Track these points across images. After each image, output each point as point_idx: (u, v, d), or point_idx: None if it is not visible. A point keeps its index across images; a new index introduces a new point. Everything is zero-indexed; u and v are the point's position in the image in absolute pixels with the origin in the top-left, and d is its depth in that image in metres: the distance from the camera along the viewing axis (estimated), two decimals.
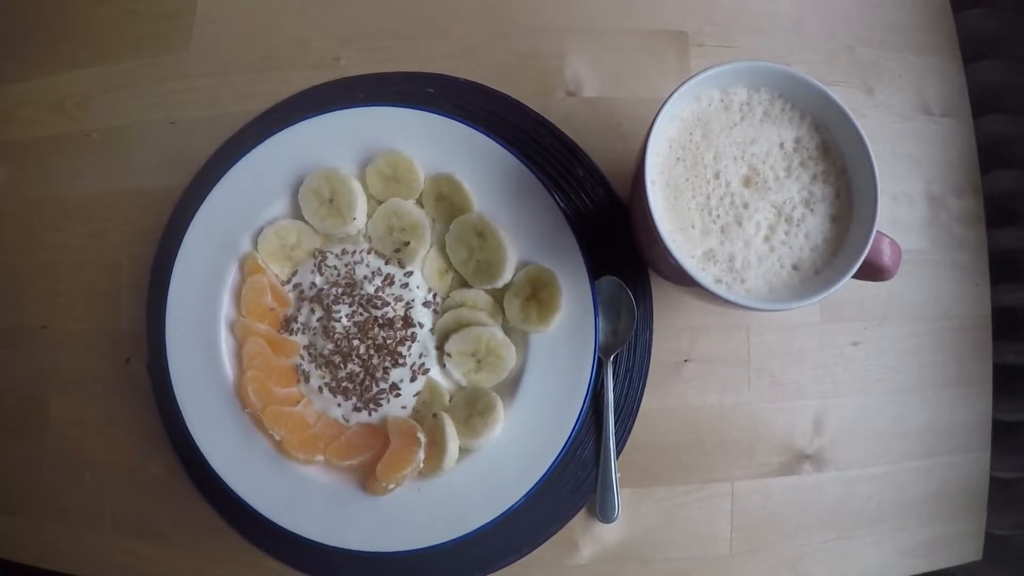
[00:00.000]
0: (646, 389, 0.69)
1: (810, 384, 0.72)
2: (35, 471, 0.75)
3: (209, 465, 0.65)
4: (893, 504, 0.73)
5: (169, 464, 0.71)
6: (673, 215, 0.57)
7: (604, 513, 0.68)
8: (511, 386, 0.64)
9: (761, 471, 0.71)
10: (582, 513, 0.69)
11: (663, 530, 0.70)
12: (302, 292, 0.66)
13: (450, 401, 0.64)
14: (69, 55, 0.78)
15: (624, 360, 0.68)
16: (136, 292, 0.73)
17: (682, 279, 0.57)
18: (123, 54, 0.77)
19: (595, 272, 0.64)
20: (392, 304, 0.64)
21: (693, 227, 0.57)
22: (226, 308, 0.66)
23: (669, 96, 0.56)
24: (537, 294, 0.63)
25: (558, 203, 0.64)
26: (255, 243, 0.66)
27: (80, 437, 0.74)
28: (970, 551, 0.75)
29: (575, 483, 0.68)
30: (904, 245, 0.59)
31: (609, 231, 0.68)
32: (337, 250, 0.66)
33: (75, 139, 0.77)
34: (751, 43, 0.75)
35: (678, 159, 0.58)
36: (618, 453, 0.68)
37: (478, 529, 0.63)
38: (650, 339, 0.69)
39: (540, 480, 0.63)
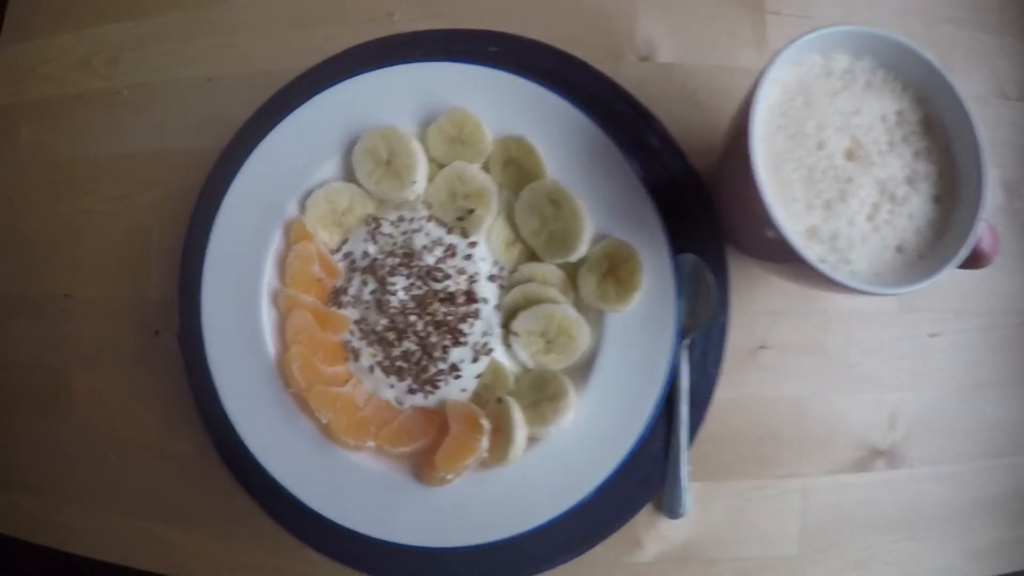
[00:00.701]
0: (721, 377, 0.58)
1: (887, 376, 0.61)
2: (57, 449, 0.63)
3: (246, 447, 0.54)
4: (962, 504, 0.62)
5: (199, 444, 0.59)
6: (774, 187, 0.46)
7: (672, 509, 0.57)
8: (581, 370, 0.53)
9: (834, 467, 0.60)
10: (647, 508, 0.58)
11: (731, 528, 0.59)
12: (353, 262, 0.54)
13: (515, 385, 0.53)
14: (97, 9, 0.66)
15: (699, 345, 0.57)
16: (167, 259, 0.61)
17: (780, 257, 0.46)
18: (157, 7, 0.65)
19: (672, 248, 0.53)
20: (454, 277, 0.52)
21: (796, 201, 0.47)
22: (268, 278, 0.55)
23: (773, 59, 0.46)
24: (615, 270, 0.52)
25: (636, 172, 0.53)
26: (302, 207, 0.55)
27: (105, 414, 0.63)
28: None
29: (642, 476, 0.57)
30: None
31: (684, 205, 0.57)
32: (393, 217, 0.54)
33: (104, 97, 0.65)
34: (826, 15, 0.64)
35: (779, 127, 0.47)
36: (690, 445, 0.58)
37: (543, 525, 0.52)
38: (726, 323, 0.58)
39: (612, 474, 0.52)
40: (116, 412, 0.62)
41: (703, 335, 0.57)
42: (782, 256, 0.46)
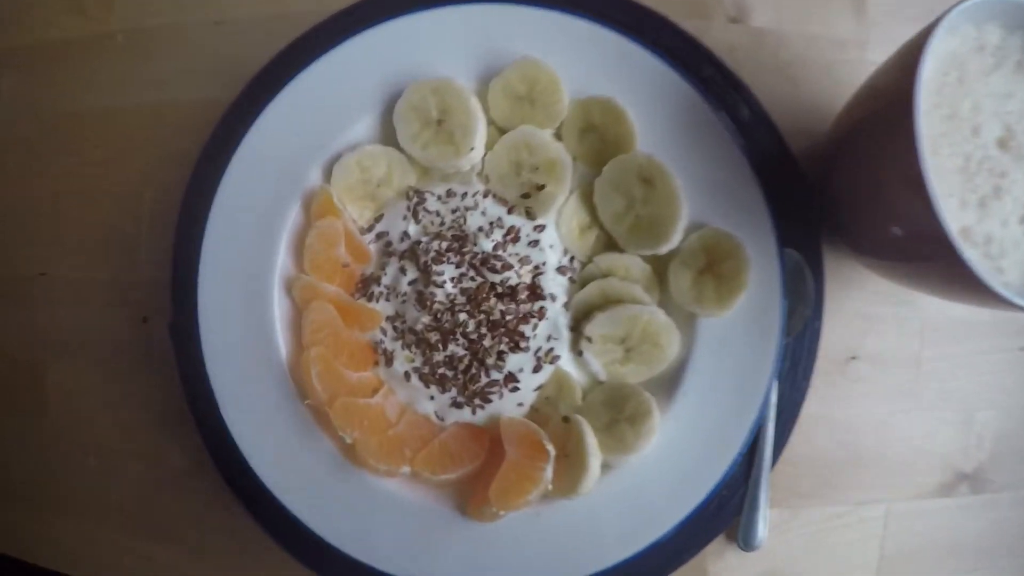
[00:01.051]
0: (809, 391, 0.44)
1: (977, 392, 0.47)
2: (30, 452, 0.48)
3: (250, 467, 0.38)
4: None
5: (194, 453, 0.44)
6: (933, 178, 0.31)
7: (747, 540, 0.43)
8: (665, 384, 0.38)
9: (918, 492, 0.47)
10: (719, 539, 0.43)
11: (806, 559, 0.45)
12: (389, 244, 0.39)
13: (583, 400, 0.38)
14: None
15: (789, 355, 0.42)
16: (160, 233, 0.45)
17: (922, 257, 0.32)
18: None
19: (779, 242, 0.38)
20: (516, 268, 0.37)
21: (951, 196, 0.33)
22: (283, 260, 0.39)
23: (939, 21, 0.33)
24: (716, 266, 0.37)
25: (742, 150, 0.37)
26: (327, 176, 0.39)
27: (84, 414, 0.48)
28: None
29: (717, 504, 0.42)
30: None
31: (778, 191, 0.42)
32: (440, 190, 0.38)
33: (96, 43, 0.48)
34: None
35: (934, 105, 0.34)
36: (772, 467, 0.43)
37: (609, 568, 0.37)
38: (819, 329, 0.43)
39: (697, 508, 0.37)
40: (97, 412, 0.47)
41: (794, 343, 0.42)
42: (927, 256, 0.32)
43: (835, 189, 0.40)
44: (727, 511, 0.43)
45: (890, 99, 0.33)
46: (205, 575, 0.45)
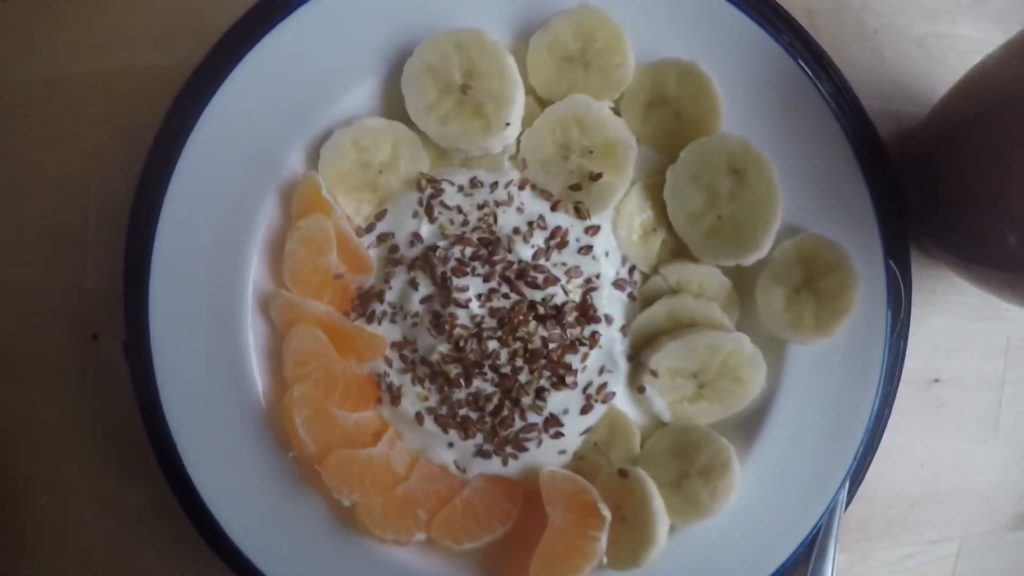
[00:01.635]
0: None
1: None
2: None
3: (220, 526, 0.26)
4: None
5: (154, 492, 0.31)
6: None
7: None
8: (743, 426, 0.26)
9: (991, 526, 0.37)
10: None
11: None
12: (395, 250, 0.26)
13: (643, 447, 0.26)
14: None
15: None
16: (110, 232, 0.31)
17: None
18: None
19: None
20: (562, 282, 0.25)
21: None
22: (257, 271, 0.26)
23: None
24: (815, 283, 0.25)
25: (848, 136, 0.26)
26: (313, 160, 0.26)
27: (29, 443, 0.35)
28: None
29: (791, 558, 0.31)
30: None
31: (878, 187, 0.30)
32: (463, 179, 0.26)
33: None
34: None
35: None
36: (846, 505, 0.32)
37: None
38: (904, 349, 0.32)
39: (778, 571, 0.27)
40: (45, 444, 0.35)
41: None
42: None
43: (939, 188, 0.28)
44: (790, 559, 0.33)
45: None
46: None
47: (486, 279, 0.25)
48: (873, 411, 0.27)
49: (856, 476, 0.33)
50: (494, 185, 0.25)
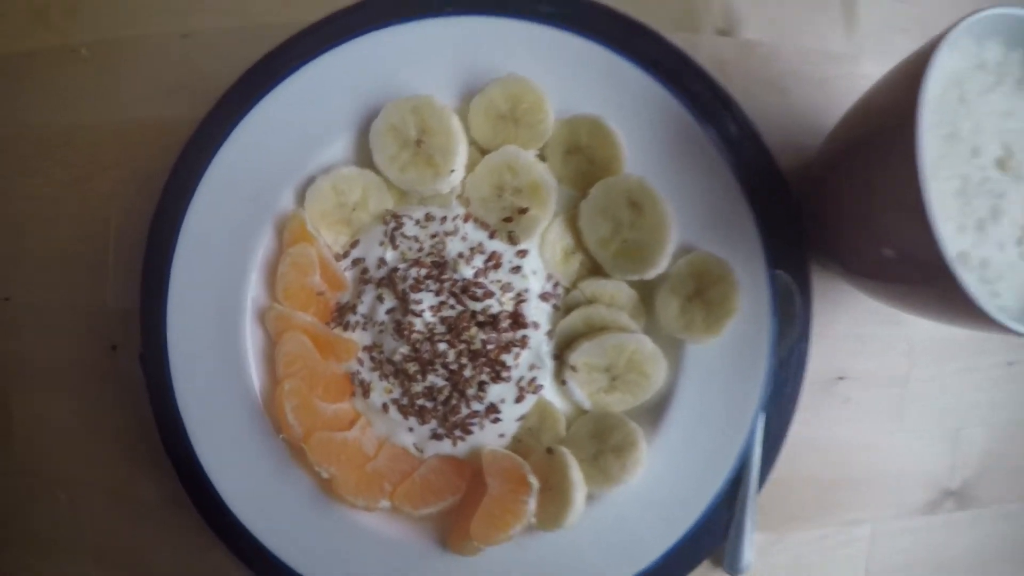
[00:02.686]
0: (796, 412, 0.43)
1: (962, 409, 0.47)
2: None
3: (224, 503, 0.37)
4: None
5: (167, 486, 0.42)
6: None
7: (733, 565, 0.42)
8: (651, 412, 0.37)
9: (905, 510, 0.46)
10: (705, 564, 0.43)
11: None
12: (365, 271, 0.37)
13: (567, 430, 0.37)
14: None
15: (776, 378, 0.42)
16: (128, 258, 0.43)
17: (916, 280, 0.32)
18: None
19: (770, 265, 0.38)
20: (497, 295, 0.36)
21: (949, 220, 0.32)
22: (255, 289, 0.37)
23: (943, 36, 0.31)
24: (705, 292, 0.36)
25: (733, 170, 0.36)
26: (301, 199, 0.37)
27: (51, 446, 0.46)
28: None
29: (702, 529, 0.41)
30: None
31: (768, 210, 0.41)
32: (419, 214, 0.37)
33: (59, 55, 0.46)
34: None
35: (933, 125, 0.32)
36: (759, 490, 0.42)
37: None
38: (806, 351, 0.43)
39: (684, 537, 0.37)
40: (65, 444, 0.45)
41: (781, 367, 0.42)
42: (912, 279, 0.31)
43: (826, 208, 0.39)
44: (712, 536, 0.42)
45: (889, 118, 0.32)
46: None
47: (437, 294, 0.35)
48: (761, 401, 0.37)
49: (766, 462, 0.43)
50: (443, 219, 0.36)
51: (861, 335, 0.45)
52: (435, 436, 0.36)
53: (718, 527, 0.42)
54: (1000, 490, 0.48)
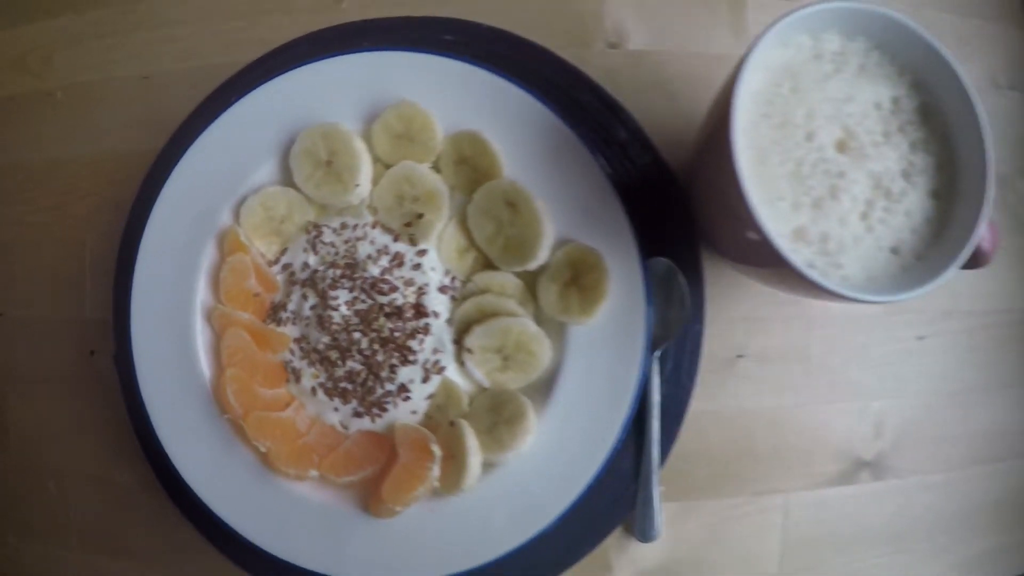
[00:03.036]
0: (695, 389, 0.50)
1: (872, 383, 0.53)
2: None
3: (182, 478, 0.45)
4: (953, 514, 0.55)
5: (140, 473, 0.52)
6: (758, 184, 0.38)
7: (644, 532, 0.49)
8: (543, 388, 0.45)
9: (816, 481, 0.52)
10: (618, 531, 0.50)
11: (708, 549, 0.51)
12: (293, 274, 0.46)
13: (470, 406, 0.45)
14: (31, 3, 0.57)
15: (671, 356, 0.49)
16: (102, 274, 0.52)
17: (763, 261, 0.39)
18: (93, 1, 0.56)
19: (641, 253, 0.45)
20: (401, 289, 0.44)
21: (782, 199, 0.38)
22: (202, 294, 0.46)
23: (760, 37, 0.38)
24: (579, 279, 0.44)
25: (603, 170, 0.44)
26: (237, 216, 0.46)
27: (42, 441, 0.56)
28: None
29: (611, 498, 0.49)
30: None
31: (656, 204, 0.49)
32: (335, 224, 0.46)
33: (37, 99, 0.56)
34: None
35: (764, 116, 0.39)
36: (662, 463, 0.49)
37: (500, 558, 0.44)
38: (701, 331, 0.50)
39: (576, 500, 0.44)
40: (54, 438, 0.55)
41: (676, 345, 0.49)
42: (765, 260, 0.38)
43: (694, 200, 0.46)
44: (621, 506, 0.49)
45: (717, 117, 0.39)
46: None
47: (351, 290, 0.44)
48: (641, 374, 0.44)
49: (668, 435, 0.50)
50: (355, 226, 0.45)
51: (759, 316, 0.51)
52: (357, 414, 0.45)
53: (625, 497, 0.49)
54: (917, 461, 0.54)
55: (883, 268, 0.39)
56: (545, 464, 0.44)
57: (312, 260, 0.45)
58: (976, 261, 0.40)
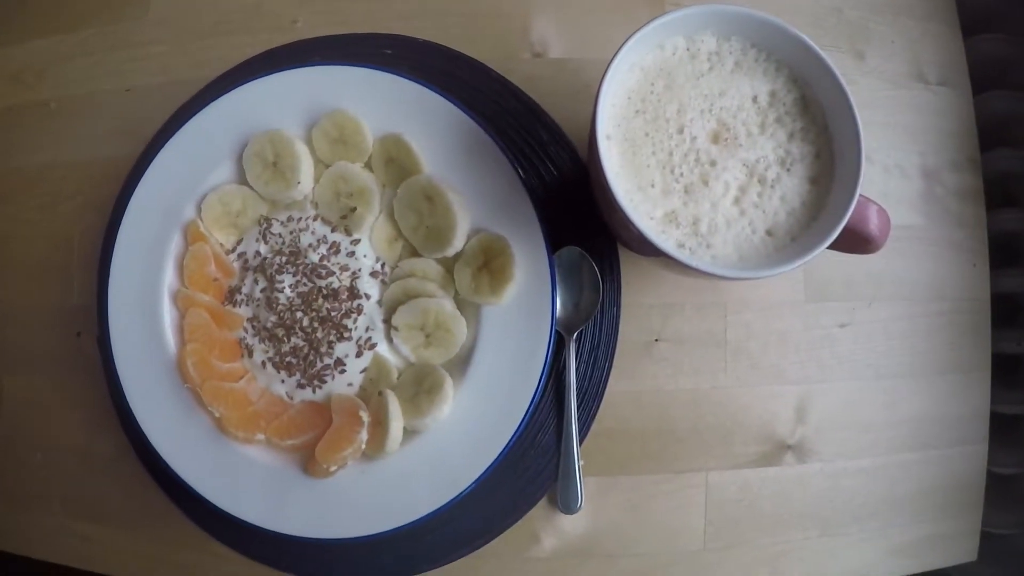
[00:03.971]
0: (613, 370, 0.62)
1: (793, 368, 0.64)
2: None
3: (150, 443, 0.60)
4: (882, 500, 0.65)
5: (118, 443, 0.66)
6: (631, 173, 0.50)
7: (566, 504, 0.61)
8: (462, 363, 0.58)
9: (738, 461, 0.63)
10: (543, 504, 0.62)
11: (631, 523, 0.62)
12: (246, 261, 0.60)
13: (398, 379, 0.58)
14: (28, 25, 0.74)
15: (589, 338, 0.61)
16: (87, 266, 0.67)
17: (642, 245, 0.50)
18: (81, 22, 0.72)
19: (558, 243, 0.58)
20: (337, 274, 0.58)
21: (653, 186, 0.50)
22: (169, 279, 0.61)
23: (626, 40, 0.49)
24: (489, 264, 0.57)
25: (514, 166, 0.57)
26: (199, 211, 0.61)
27: (32, 417, 0.69)
28: (965, 551, 0.67)
29: (535, 471, 0.61)
30: (896, 220, 0.52)
31: (574, 199, 0.62)
32: (283, 217, 0.60)
33: (33, 109, 0.72)
34: (728, 2, 0.68)
35: (637, 112, 0.51)
36: (581, 439, 0.61)
37: (425, 517, 0.56)
38: (617, 316, 0.62)
39: (490, 466, 0.56)
40: (42, 414, 0.69)
41: (593, 328, 0.61)
42: (644, 244, 0.49)
43: (593, 195, 0.59)
44: (544, 478, 0.61)
45: (593, 113, 0.51)
46: (128, 544, 0.67)
47: (294, 275, 0.58)
48: (548, 351, 0.56)
49: (587, 413, 0.62)
50: (300, 219, 0.59)
51: (673, 302, 0.63)
52: (300, 385, 0.58)
53: (547, 470, 0.61)
54: (842, 446, 0.65)
55: (756, 248, 0.50)
56: (463, 433, 0.57)
57: (263, 249, 0.60)
58: (866, 245, 0.51)
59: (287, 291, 0.58)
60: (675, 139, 0.51)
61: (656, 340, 0.63)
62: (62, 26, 0.72)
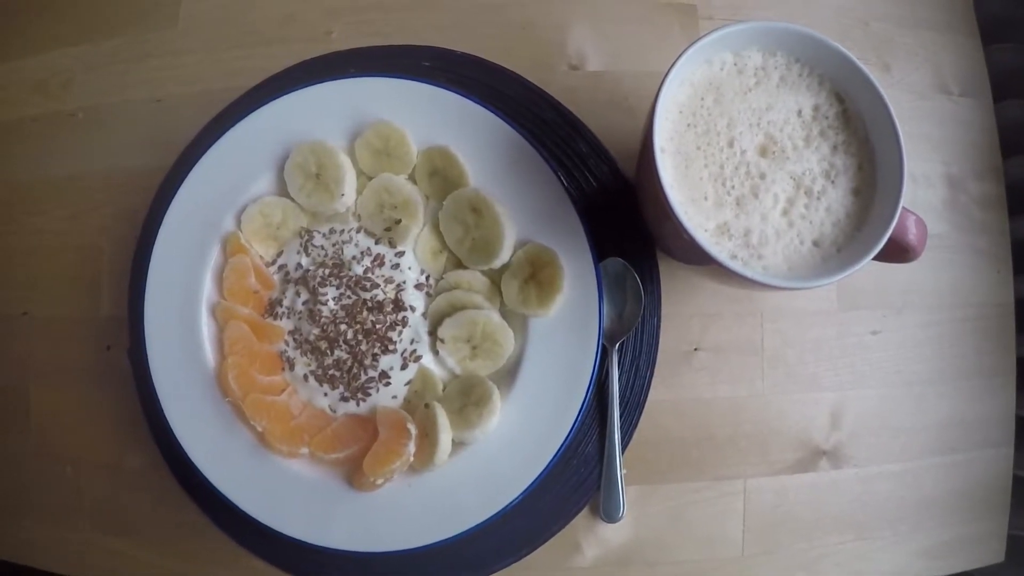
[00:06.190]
0: (654, 379, 0.61)
1: (827, 375, 0.64)
2: (15, 466, 0.67)
3: (188, 457, 0.58)
4: (912, 503, 0.65)
5: (149, 457, 0.63)
6: (684, 185, 0.49)
7: (608, 512, 0.60)
8: (509, 375, 0.57)
9: (775, 468, 0.63)
10: (585, 512, 0.61)
11: (670, 530, 0.62)
12: (287, 274, 0.59)
13: (444, 390, 0.57)
14: (53, 34, 0.71)
15: (630, 348, 0.60)
16: (117, 277, 0.65)
17: (694, 256, 0.49)
18: (109, 31, 0.70)
19: (599, 254, 0.56)
20: (382, 286, 0.56)
21: (706, 199, 0.50)
22: (208, 291, 0.59)
23: (678, 57, 0.49)
24: (537, 275, 0.55)
25: (559, 178, 0.56)
26: (239, 222, 0.59)
27: (61, 429, 0.67)
28: (991, 553, 0.67)
29: (577, 480, 0.60)
30: None
31: (614, 210, 0.61)
32: (325, 229, 0.58)
33: (58, 119, 0.70)
34: (762, 17, 0.68)
35: (689, 125, 0.50)
36: (623, 448, 0.60)
37: (472, 528, 0.55)
38: (658, 326, 0.61)
39: (538, 477, 0.55)
40: (72, 427, 0.67)
41: (634, 339, 0.60)
42: (697, 256, 0.49)
43: (641, 205, 0.58)
44: (587, 487, 0.60)
45: (646, 126, 0.50)
46: (158, 559, 0.64)
47: (338, 287, 0.56)
48: (596, 362, 0.55)
49: (629, 422, 0.61)
50: (342, 231, 0.57)
51: (712, 312, 0.62)
52: (343, 398, 0.57)
53: (590, 480, 0.60)
54: (875, 451, 0.64)
55: (804, 259, 0.50)
56: (510, 444, 0.55)
57: (304, 261, 0.58)
58: (905, 255, 0.51)
59: (331, 303, 0.56)
60: (726, 152, 0.50)
61: (695, 349, 0.62)
62: (90, 35, 0.70)
